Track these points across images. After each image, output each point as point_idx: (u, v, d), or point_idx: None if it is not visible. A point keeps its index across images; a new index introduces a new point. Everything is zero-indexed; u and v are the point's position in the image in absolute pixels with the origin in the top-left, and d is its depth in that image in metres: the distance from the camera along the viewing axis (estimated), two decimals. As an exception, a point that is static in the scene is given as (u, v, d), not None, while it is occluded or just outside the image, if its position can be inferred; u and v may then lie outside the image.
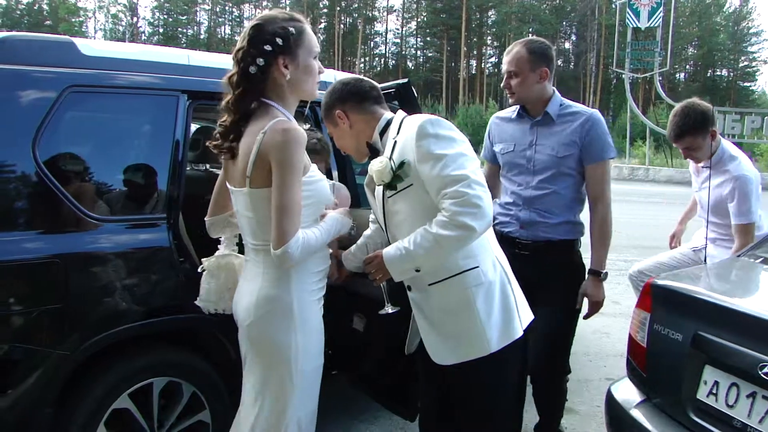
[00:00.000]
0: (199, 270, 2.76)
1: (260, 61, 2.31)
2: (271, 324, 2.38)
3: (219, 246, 2.78)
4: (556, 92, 3.43)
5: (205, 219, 2.72)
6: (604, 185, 3.35)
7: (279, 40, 2.31)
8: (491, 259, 2.48)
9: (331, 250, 2.60)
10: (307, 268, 2.40)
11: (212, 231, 2.73)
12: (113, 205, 2.99)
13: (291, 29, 2.33)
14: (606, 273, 3.38)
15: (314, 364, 2.46)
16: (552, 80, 3.44)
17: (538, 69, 3.34)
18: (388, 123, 2.57)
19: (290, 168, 2.20)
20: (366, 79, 2.70)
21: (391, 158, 2.41)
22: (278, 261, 2.24)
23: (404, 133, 2.42)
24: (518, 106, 3.50)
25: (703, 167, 4.15)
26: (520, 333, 2.48)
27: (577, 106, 3.42)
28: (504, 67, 3.47)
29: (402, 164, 2.36)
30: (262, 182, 2.26)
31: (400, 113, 2.60)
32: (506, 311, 2.46)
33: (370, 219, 2.96)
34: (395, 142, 2.45)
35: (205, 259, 2.75)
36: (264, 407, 2.42)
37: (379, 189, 2.50)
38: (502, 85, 3.55)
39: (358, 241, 2.90)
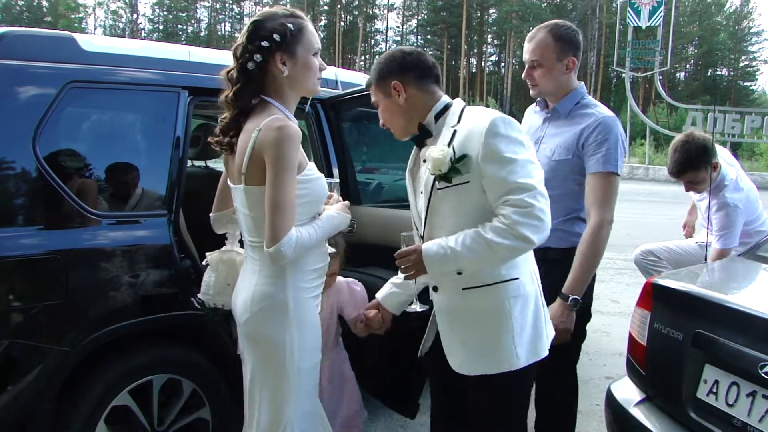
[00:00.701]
0: (203, 264, 2.76)
1: (257, 57, 2.31)
2: (267, 321, 2.37)
3: (225, 242, 2.78)
4: (582, 87, 3.11)
5: (210, 215, 2.72)
6: (596, 202, 2.89)
7: (276, 37, 2.31)
8: (530, 272, 2.40)
9: (330, 249, 2.59)
10: (303, 265, 2.39)
11: (216, 226, 2.74)
12: (113, 202, 2.99)
13: (289, 26, 2.33)
14: (576, 300, 2.84)
15: (311, 361, 2.44)
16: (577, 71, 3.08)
17: (565, 58, 3.02)
18: (446, 107, 2.40)
19: (284, 165, 2.19)
20: (428, 54, 2.49)
21: (451, 146, 2.24)
22: (271, 259, 2.24)
23: (467, 124, 2.27)
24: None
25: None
26: (546, 352, 2.40)
27: (594, 107, 3.05)
28: (526, 56, 3.11)
29: (463, 157, 2.20)
30: (258, 179, 2.25)
31: (460, 101, 2.44)
32: (537, 327, 2.37)
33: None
34: (455, 131, 2.29)
35: (208, 253, 2.74)
36: (262, 405, 2.42)
37: (428, 178, 2.32)
38: (523, 75, 3.17)
39: (390, 287, 2.75)
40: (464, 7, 67.96)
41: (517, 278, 2.31)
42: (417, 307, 2.55)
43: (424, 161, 2.36)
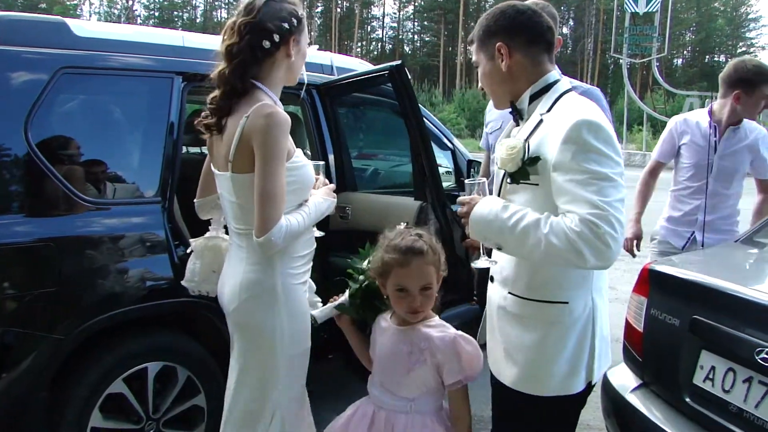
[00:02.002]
0: (187, 251, 2.74)
1: (276, 37, 2.27)
2: (256, 308, 2.36)
3: (209, 228, 2.76)
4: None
5: (195, 201, 2.70)
6: None
7: (294, 21, 2.30)
8: (586, 298, 2.07)
9: (316, 233, 2.57)
10: (291, 251, 2.37)
11: (201, 213, 2.71)
12: (107, 188, 2.97)
13: (301, 13, 2.35)
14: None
15: (300, 348, 2.43)
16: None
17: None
18: (548, 87, 2.08)
19: (273, 153, 2.17)
20: (544, 15, 2.13)
21: (527, 143, 1.98)
22: (261, 248, 2.21)
23: (555, 117, 1.97)
24: None
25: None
26: (580, 388, 2.12)
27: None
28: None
29: (536, 160, 1.94)
30: (245, 167, 2.23)
31: (566, 81, 2.15)
32: (573, 363, 2.08)
33: None
34: (541, 120, 2.01)
35: (193, 239, 2.73)
36: (245, 391, 2.42)
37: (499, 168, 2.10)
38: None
39: None
40: (461, -7, 67.79)
41: (567, 303, 2.04)
42: (480, 261, 2.19)
43: None
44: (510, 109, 2.18)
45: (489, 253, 2.20)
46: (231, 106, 2.30)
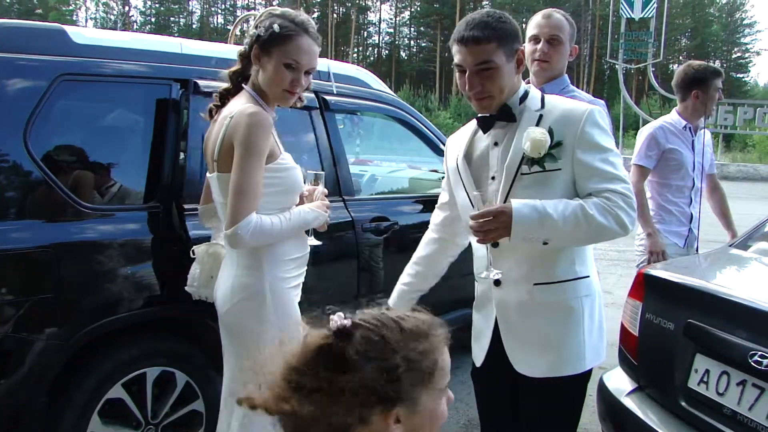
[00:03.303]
0: (191, 256, 2.76)
1: (247, 41, 2.40)
2: (245, 312, 2.38)
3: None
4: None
5: (198, 207, 2.72)
6: None
7: (262, 31, 2.34)
8: (595, 271, 2.36)
9: (313, 241, 2.59)
10: (280, 255, 2.39)
11: (203, 220, 2.74)
12: (105, 195, 2.98)
13: (275, 27, 2.33)
14: None
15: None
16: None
17: (571, 44, 3.12)
18: (526, 94, 2.27)
19: (251, 150, 2.21)
20: None
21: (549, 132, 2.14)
22: (228, 242, 2.25)
23: (557, 110, 2.20)
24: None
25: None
26: (605, 356, 2.37)
27: (578, 93, 3.16)
28: (544, 30, 3.05)
29: (559, 144, 2.13)
30: (228, 166, 2.27)
31: (532, 86, 2.39)
32: (601, 329, 2.34)
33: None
34: (540, 115, 2.20)
35: (196, 246, 2.75)
36: (234, 396, 2.43)
37: (509, 162, 2.19)
38: (537, 53, 3.05)
39: (400, 288, 2.65)
40: (458, -1, 67.90)
41: (588, 276, 2.28)
42: (492, 273, 2.25)
43: (496, 144, 2.27)
44: (477, 121, 2.32)
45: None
46: (225, 103, 2.43)
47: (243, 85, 2.40)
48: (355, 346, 1.24)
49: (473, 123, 2.38)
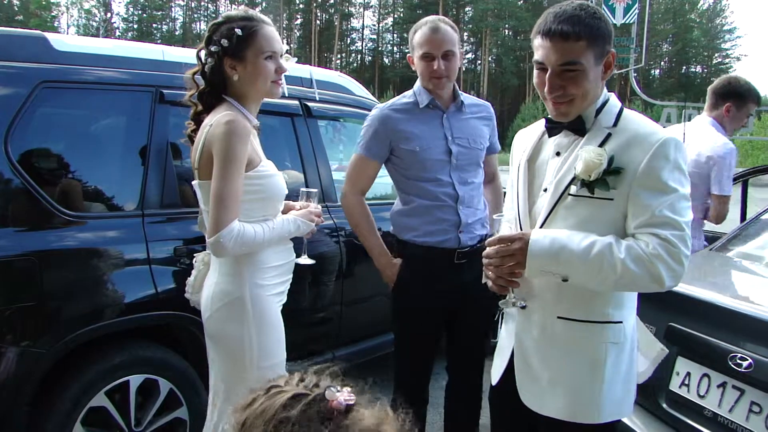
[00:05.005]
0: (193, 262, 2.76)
1: (209, 61, 2.37)
2: (226, 319, 2.38)
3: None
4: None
5: (198, 216, 2.73)
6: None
7: (225, 42, 2.33)
8: (632, 316, 2.08)
9: (306, 261, 2.60)
10: (261, 262, 2.39)
11: (200, 227, 2.74)
12: (87, 202, 2.97)
13: (237, 31, 2.33)
14: None
15: (273, 361, 2.43)
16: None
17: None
18: (604, 104, 2.02)
19: (229, 158, 2.21)
20: None
21: (609, 155, 1.90)
22: (212, 250, 2.26)
23: (628, 132, 1.93)
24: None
25: None
26: (632, 409, 2.11)
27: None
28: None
29: (618, 171, 1.87)
30: (208, 174, 2.28)
31: (615, 98, 2.06)
32: (627, 382, 2.07)
33: None
34: (608, 134, 1.95)
35: (197, 253, 2.74)
36: (218, 402, 2.43)
37: (562, 176, 1.99)
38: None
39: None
40: (440, 5, 68.09)
41: (621, 322, 2.01)
42: (513, 301, 2.09)
43: (558, 154, 2.04)
44: (546, 123, 2.09)
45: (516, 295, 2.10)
46: (200, 121, 2.40)
47: (227, 97, 2.39)
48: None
49: (542, 123, 2.14)
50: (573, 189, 1.94)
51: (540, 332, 2.06)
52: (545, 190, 2.03)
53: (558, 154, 2.04)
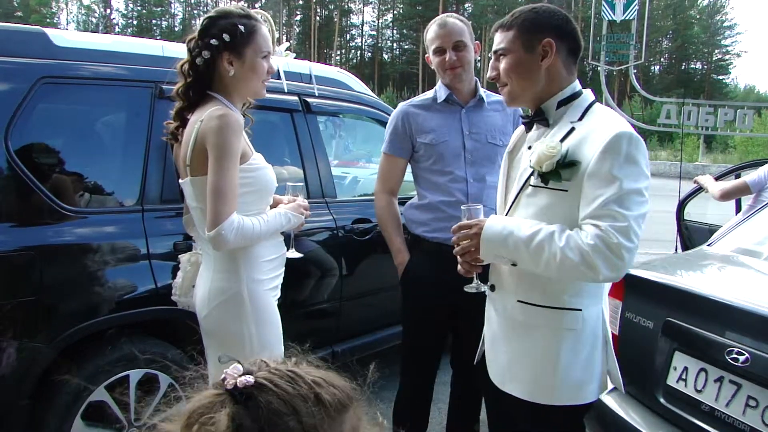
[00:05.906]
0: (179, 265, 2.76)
1: (206, 53, 2.35)
2: (224, 315, 2.38)
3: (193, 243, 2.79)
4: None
5: (183, 217, 2.73)
6: None
7: (226, 36, 2.33)
8: (597, 306, 2.14)
9: (293, 254, 2.61)
10: (256, 256, 2.40)
11: (187, 228, 2.75)
12: (87, 197, 2.98)
13: (240, 27, 2.34)
14: None
15: (272, 355, 2.44)
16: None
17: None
18: (575, 95, 2.11)
19: (225, 151, 2.22)
20: None
21: (564, 148, 1.97)
22: (212, 244, 2.26)
23: (589, 126, 2.00)
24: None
25: None
26: (593, 398, 2.16)
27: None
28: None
29: (572, 164, 1.94)
30: (202, 169, 2.28)
31: (590, 93, 2.15)
32: (588, 368, 2.13)
33: None
34: (572, 128, 2.02)
35: (181, 255, 2.75)
36: None
37: (525, 168, 2.09)
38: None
39: None
40: (440, 1, 67.99)
41: (580, 309, 2.08)
42: (480, 286, 2.28)
43: (529, 148, 2.12)
44: (523, 114, 2.20)
45: (481, 278, 2.28)
46: (185, 118, 2.41)
47: (214, 94, 2.39)
48: (254, 414, 0.93)
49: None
50: (532, 180, 2.04)
51: (503, 314, 2.21)
52: (515, 180, 2.17)
53: (530, 147, 2.13)
